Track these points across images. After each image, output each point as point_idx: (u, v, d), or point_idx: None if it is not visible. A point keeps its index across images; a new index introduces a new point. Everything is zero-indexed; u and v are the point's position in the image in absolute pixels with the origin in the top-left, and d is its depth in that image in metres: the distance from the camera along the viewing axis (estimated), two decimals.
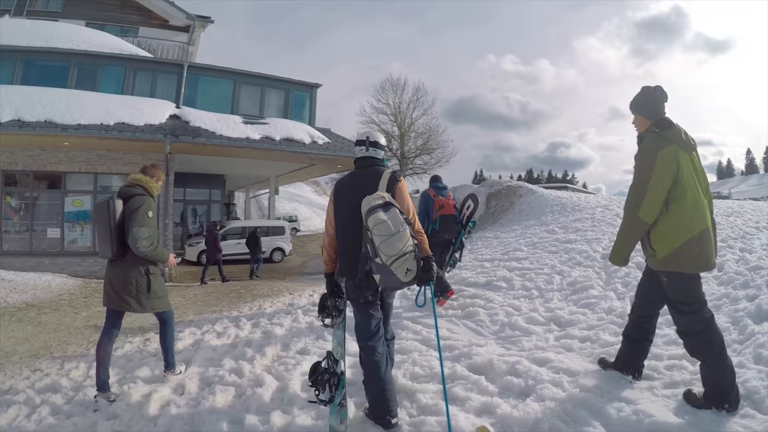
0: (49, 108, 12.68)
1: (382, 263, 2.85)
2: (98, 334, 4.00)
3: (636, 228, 3.22)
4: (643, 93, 3.36)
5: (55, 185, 13.86)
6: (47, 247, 13.52)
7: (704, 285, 5.35)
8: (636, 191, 3.19)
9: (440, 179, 7.24)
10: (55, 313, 7.58)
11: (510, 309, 5.94)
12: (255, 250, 15.74)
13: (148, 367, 4.47)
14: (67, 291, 9.69)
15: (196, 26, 21.95)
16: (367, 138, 3.40)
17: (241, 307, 7.93)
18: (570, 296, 6.27)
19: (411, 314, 6.13)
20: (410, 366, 4.15)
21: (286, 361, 4.56)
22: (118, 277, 3.88)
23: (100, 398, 3.71)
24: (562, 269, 7.49)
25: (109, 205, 3.82)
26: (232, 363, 4.56)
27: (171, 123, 14.15)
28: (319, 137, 16.10)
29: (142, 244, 3.79)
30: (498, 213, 17.49)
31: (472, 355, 4.32)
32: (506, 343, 4.88)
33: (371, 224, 2.85)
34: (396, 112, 36.17)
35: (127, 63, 15.44)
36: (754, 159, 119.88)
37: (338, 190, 3.38)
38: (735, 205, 12.73)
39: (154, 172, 4.24)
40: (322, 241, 3.50)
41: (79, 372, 4.45)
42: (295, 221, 38.18)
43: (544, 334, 5.00)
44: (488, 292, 6.99)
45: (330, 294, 3.50)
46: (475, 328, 5.52)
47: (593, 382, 3.57)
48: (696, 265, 3.12)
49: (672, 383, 3.45)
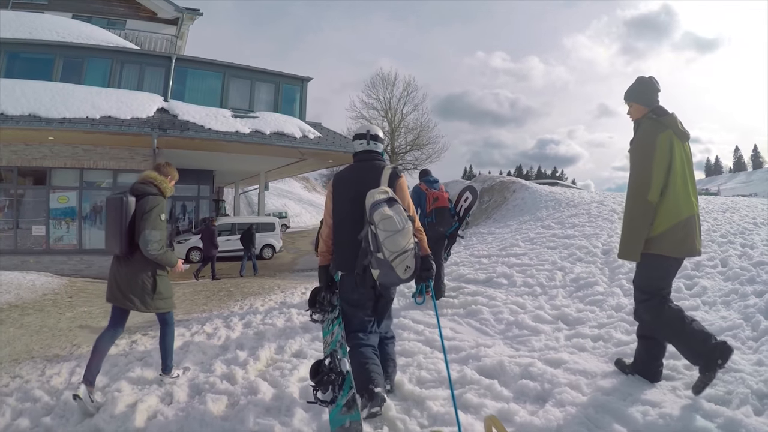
0: (33, 101, 12.37)
1: (384, 259, 2.83)
2: (82, 336, 3.76)
3: (648, 214, 3.15)
4: (639, 82, 3.42)
5: (40, 181, 13.51)
6: (32, 245, 13.23)
7: (710, 280, 5.55)
8: (641, 176, 3.17)
9: (430, 173, 7.14)
10: (38, 314, 7.26)
11: (514, 307, 5.72)
12: (249, 246, 15.51)
13: (134, 372, 4.17)
14: (51, 290, 9.34)
15: (184, 19, 21.51)
16: (368, 131, 3.41)
17: (232, 306, 7.66)
18: (575, 293, 6.10)
19: (410, 313, 5.88)
20: (416, 370, 3.90)
21: (282, 365, 4.28)
22: (124, 275, 3.79)
23: (81, 397, 3.39)
24: (564, 265, 7.36)
25: (123, 201, 3.73)
26: (224, 368, 4.28)
27: (159, 117, 13.84)
28: (310, 131, 15.86)
29: (153, 247, 3.70)
30: (491, 209, 17.44)
31: (480, 357, 4.08)
32: (514, 343, 4.65)
33: (377, 219, 2.83)
34: (386, 107, 36.05)
35: (114, 55, 15.05)
36: (742, 156, 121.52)
37: (338, 181, 3.37)
38: (729, 201, 13.09)
39: (168, 171, 4.12)
40: (320, 232, 3.48)
41: (60, 379, 4.15)
42: (285, 217, 38.03)
43: (553, 333, 4.80)
44: (489, 289, 6.79)
45: (325, 288, 3.44)
46: (479, 327, 5.28)
47: (612, 383, 3.39)
48: (679, 250, 3.19)
49: (693, 383, 3.25)
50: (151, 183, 3.93)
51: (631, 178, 3.24)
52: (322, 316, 3.48)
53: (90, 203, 13.76)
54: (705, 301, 5.04)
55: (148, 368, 4.24)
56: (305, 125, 16.25)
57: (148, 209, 3.74)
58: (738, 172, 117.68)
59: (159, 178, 3.98)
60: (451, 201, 6.88)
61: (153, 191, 3.88)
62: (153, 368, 4.26)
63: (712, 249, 6.74)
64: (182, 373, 4.13)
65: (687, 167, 3.25)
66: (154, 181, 3.94)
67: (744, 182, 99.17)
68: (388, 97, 36.01)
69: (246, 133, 14.42)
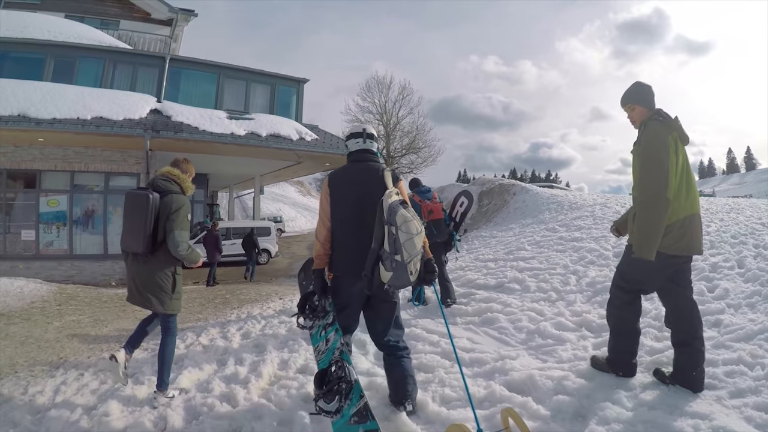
0: (23, 101, 12.03)
1: (402, 261, 2.76)
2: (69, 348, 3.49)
3: (666, 211, 3.12)
4: (639, 85, 3.49)
5: (30, 184, 13.14)
6: (22, 250, 12.85)
7: (730, 282, 5.41)
8: (657, 175, 3.13)
9: (420, 182, 7.05)
10: (25, 323, 6.88)
11: (532, 314, 5.39)
12: (251, 251, 15.32)
13: (124, 391, 3.79)
14: (40, 298, 8.96)
15: (179, 20, 21.19)
16: (364, 130, 3.38)
17: (229, 315, 7.28)
18: (593, 298, 5.77)
19: (421, 321, 5.53)
20: (438, 387, 3.55)
21: (287, 383, 3.90)
22: (144, 274, 3.67)
23: (118, 360, 3.53)
24: (576, 269, 7.07)
25: (149, 199, 3.56)
26: (223, 386, 3.88)
27: (152, 118, 13.51)
28: (307, 133, 15.59)
29: (183, 247, 3.64)
30: (491, 212, 17.19)
31: (507, 371, 3.75)
32: (539, 353, 4.31)
33: (399, 221, 2.75)
34: (382, 110, 35.68)
35: (107, 55, 14.73)
36: (735, 158, 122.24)
37: (335, 182, 3.28)
38: (731, 201, 13.18)
39: (186, 167, 3.98)
40: (316, 234, 3.31)
41: (44, 398, 3.76)
42: (280, 222, 37.83)
43: (578, 341, 4.48)
44: (502, 294, 6.46)
45: (321, 293, 3.32)
46: (498, 336, 4.93)
47: (655, 396, 3.14)
48: (677, 247, 3.20)
49: (738, 392, 3.14)
50: (173, 180, 3.80)
51: (646, 177, 3.20)
52: (312, 322, 3.37)
53: (81, 207, 13.41)
54: (729, 304, 4.84)
55: (140, 386, 3.85)
56: (302, 127, 15.98)
57: (174, 209, 3.64)
58: (731, 174, 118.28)
59: (181, 176, 3.86)
60: (445, 210, 6.78)
61: (176, 189, 3.77)
62: (146, 386, 3.89)
63: (726, 250, 6.65)
64: (177, 394, 3.76)
65: (688, 169, 3.30)
66: (176, 179, 3.82)
67: (737, 184, 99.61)
68: (384, 101, 35.68)
69: (241, 135, 14.12)
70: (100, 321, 7.14)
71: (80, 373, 4.40)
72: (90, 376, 4.27)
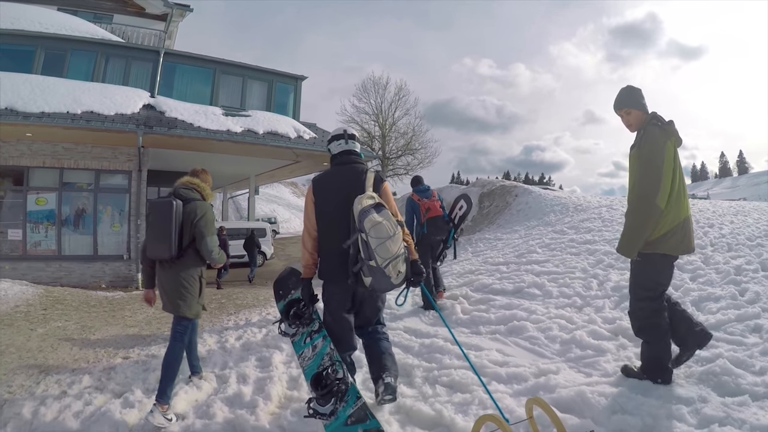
0: (11, 94, 11.45)
1: (377, 266, 2.77)
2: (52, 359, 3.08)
3: (654, 217, 3.23)
4: (632, 89, 3.54)
5: (17, 182, 12.56)
6: (8, 250, 12.22)
7: (759, 285, 5.21)
8: (650, 180, 3.24)
9: (422, 180, 7.05)
10: (7, 329, 6.40)
11: (562, 321, 4.98)
12: (253, 252, 15.12)
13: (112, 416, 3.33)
14: (25, 301, 8.45)
15: (174, 15, 20.64)
16: (345, 131, 3.40)
17: (225, 322, 6.80)
18: (621, 303, 5.34)
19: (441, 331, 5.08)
20: (480, 410, 3.09)
21: (301, 406, 3.41)
22: (171, 279, 3.75)
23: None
24: (596, 272, 6.70)
25: (174, 206, 3.67)
26: (226, 411, 3.43)
27: (145, 113, 12.95)
28: (305, 131, 15.16)
29: (215, 251, 3.83)
30: (493, 214, 16.84)
31: (552, 387, 3.34)
32: (581, 366, 3.90)
33: (368, 226, 2.78)
34: (378, 111, 35.50)
35: (99, 48, 14.16)
36: (727, 162, 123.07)
37: (320, 186, 3.26)
38: (735, 204, 12.97)
39: (205, 177, 4.15)
40: (303, 242, 3.28)
41: (20, 421, 3.28)
42: (275, 223, 37.44)
43: (618, 351, 4.10)
44: (523, 300, 6.02)
45: (310, 302, 3.31)
46: (531, 347, 4.49)
47: (717, 411, 2.83)
48: (680, 248, 3.34)
49: None
50: (194, 188, 3.93)
51: (640, 181, 3.31)
52: (296, 329, 3.36)
53: (70, 206, 12.85)
54: (764, 308, 4.54)
55: (130, 410, 3.39)
56: (300, 125, 15.55)
57: (200, 215, 3.77)
58: (723, 177, 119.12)
59: (201, 184, 4.01)
60: (444, 208, 6.75)
61: (197, 197, 3.90)
62: (136, 409, 3.45)
63: (745, 252, 6.47)
64: (176, 420, 3.35)
65: (681, 172, 3.41)
66: (197, 187, 3.96)
67: (730, 187, 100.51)
68: (380, 102, 35.48)
69: (238, 132, 13.65)
70: (87, 327, 6.67)
71: (63, 391, 3.95)
72: (73, 395, 3.82)
